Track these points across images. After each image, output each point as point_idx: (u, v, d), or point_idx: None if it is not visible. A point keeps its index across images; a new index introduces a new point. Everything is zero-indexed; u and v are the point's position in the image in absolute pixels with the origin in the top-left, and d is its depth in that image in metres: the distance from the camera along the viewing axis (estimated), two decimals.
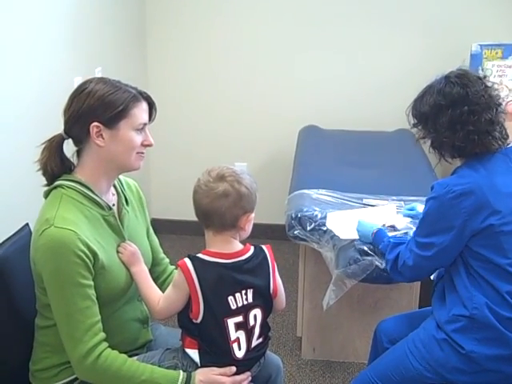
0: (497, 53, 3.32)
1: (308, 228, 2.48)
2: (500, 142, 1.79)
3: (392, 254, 1.96)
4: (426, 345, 1.84)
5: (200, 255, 1.63)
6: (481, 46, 3.34)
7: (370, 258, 2.28)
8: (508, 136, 1.82)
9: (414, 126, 1.89)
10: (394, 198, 2.57)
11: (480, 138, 1.76)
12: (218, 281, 1.61)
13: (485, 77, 1.84)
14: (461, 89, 1.77)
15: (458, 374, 1.78)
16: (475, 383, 1.79)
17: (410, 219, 2.35)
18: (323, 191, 2.69)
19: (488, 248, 1.73)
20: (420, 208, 2.29)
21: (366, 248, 2.29)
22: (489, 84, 1.81)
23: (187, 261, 1.61)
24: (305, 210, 2.54)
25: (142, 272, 1.74)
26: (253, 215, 1.65)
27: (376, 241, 2.16)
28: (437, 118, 1.79)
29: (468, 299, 1.76)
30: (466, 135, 1.76)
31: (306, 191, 2.71)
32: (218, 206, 1.59)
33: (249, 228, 1.67)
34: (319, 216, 2.49)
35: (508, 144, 1.82)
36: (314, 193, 2.69)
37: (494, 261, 1.73)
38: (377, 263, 2.24)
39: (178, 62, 3.89)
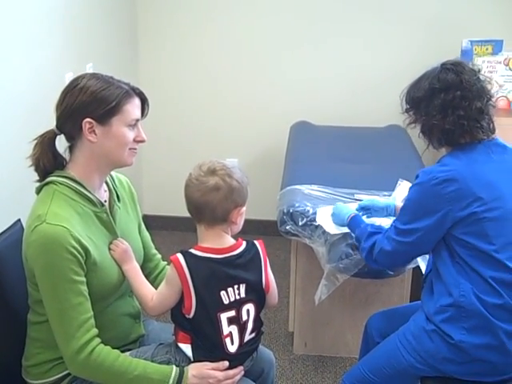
0: (487, 49, 3.34)
1: (300, 223, 2.49)
2: (486, 134, 1.83)
3: (368, 242, 1.99)
4: (417, 336, 1.85)
5: (192, 250, 1.64)
6: (471, 42, 3.36)
7: None
8: (495, 130, 1.87)
9: (406, 111, 1.92)
10: (386, 193, 2.58)
11: (469, 124, 1.80)
12: (211, 276, 1.61)
13: (479, 70, 1.88)
14: (455, 75, 1.83)
15: (449, 365, 1.80)
16: (466, 373, 1.82)
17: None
18: (315, 187, 2.70)
19: (472, 235, 1.76)
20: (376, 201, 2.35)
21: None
22: (481, 78, 1.86)
23: (179, 256, 1.61)
24: (296, 205, 2.55)
25: (134, 269, 1.74)
26: (244, 209, 1.66)
27: (352, 226, 2.18)
28: (430, 102, 1.84)
29: (454, 287, 1.78)
30: (456, 119, 1.80)
31: (297, 187, 2.72)
32: (210, 200, 1.60)
33: (240, 222, 1.68)
34: (311, 211, 2.50)
35: (493, 138, 1.86)
36: (305, 188, 2.69)
37: (478, 247, 1.76)
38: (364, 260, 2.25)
39: (170, 57, 3.88)
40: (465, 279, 1.77)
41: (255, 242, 1.72)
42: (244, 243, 1.69)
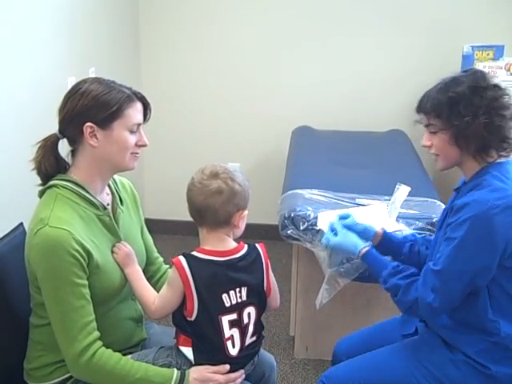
0: (488, 54, 3.35)
1: (301, 228, 2.50)
2: (507, 151, 1.71)
3: (409, 295, 1.73)
4: (438, 365, 1.78)
5: (194, 253, 1.64)
6: (472, 47, 3.37)
7: None
8: None
9: (435, 116, 1.70)
10: (387, 197, 2.59)
11: (507, 126, 1.66)
12: (212, 278, 1.62)
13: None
14: (480, 81, 1.68)
15: None
16: None
17: (400, 222, 2.34)
18: (316, 191, 2.71)
19: None
20: (356, 216, 2.06)
21: None
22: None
23: (181, 258, 1.62)
24: (298, 209, 2.55)
25: (136, 273, 1.75)
26: (246, 212, 1.67)
27: (372, 265, 1.92)
28: (473, 100, 1.65)
29: (493, 326, 1.69)
30: (501, 119, 1.65)
31: (298, 191, 2.73)
32: (212, 203, 1.60)
33: (242, 225, 1.68)
34: (312, 216, 2.51)
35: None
36: (306, 193, 2.70)
37: None
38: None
39: (172, 62, 3.90)
40: (506, 320, 1.67)
41: (257, 245, 1.72)
42: (246, 246, 1.70)
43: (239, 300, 1.65)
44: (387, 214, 2.43)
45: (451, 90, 1.68)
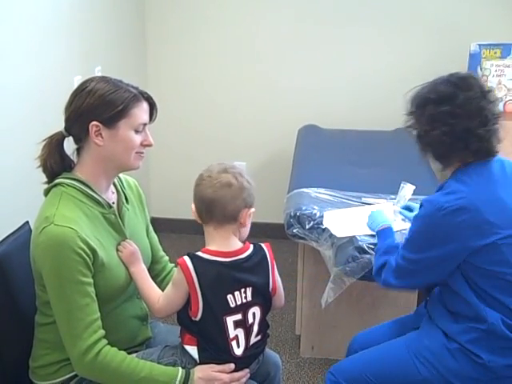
0: (495, 52, 3.33)
1: (307, 226, 2.49)
2: (476, 157, 1.74)
3: (380, 259, 1.94)
4: (436, 354, 1.81)
5: (199, 253, 1.64)
6: (479, 45, 3.35)
7: (368, 255, 2.28)
8: (494, 153, 1.76)
9: (408, 114, 1.85)
10: (393, 196, 2.58)
11: (453, 142, 1.72)
12: (218, 279, 1.61)
13: (489, 91, 1.77)
14: (454, 89, 1.74)
15: (472, 383, 1.77)
16: None
17: (406, 221, 2.35)
18: (322, 190, 2.70)
19: (494, 263, 1.70)
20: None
21: (364, 246, 2.30)
22: (490, 98, 1.75)
23: (187, 259, 1.62)
24: (304, 208, 2.55)
25: (141, 272, 1.75)
26: (253, 210, 1.67)
27: (379, 235, 2.11)
28: (423, 111, 1.77)
29: (481, 314, 1.72)
30: (440, 135, 1.72)
31: (304, 190, 2.72)
32: (222, 196, 1.60)
33: (248, 224, 1.68)
34: (318, 214, 2.50)
35: (491, 158, 1.77)
36: (312, 191, 2.69)
37: (502, 275, 1.70)
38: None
39: (178, 61, 3.90)
40: (490, 308, 1.72)
41: (262, 245, 1.72)
42: (251, 246, 1.69)
43: (244, 300, 1.64)
44: (393, 213, 2.42)
45: (421, 95, 1.80)
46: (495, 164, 1.77)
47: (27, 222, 1.90)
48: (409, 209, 2.29)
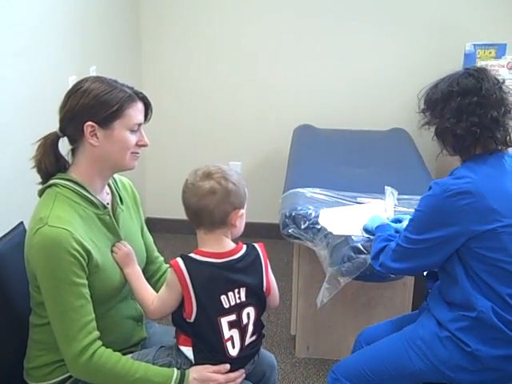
0: (490, 52, 3.34)
1: (302, 226, 2.49)
2: (500, 146, 1.79)
3: (380, 244, 1.96)
4: (427, 342, 1.84)
5: (192, 255, 1.63)
6: (474, 45, 3.35)
7: (363, 256, 2.29)
8: (511, 143, 1.82)
9: (423, 111, 1.88)
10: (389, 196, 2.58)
11: (482, 132, 1.76)
12: (211, 280, 1.61)
13: (503, 81, 1.83)
14: (475, 81, 1.78)
15: (460, 372, 1.79)
16: (476, 381, 1.80)
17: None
18: (317, 190, 2.70)
19: (491, 250, 1.72)
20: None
21: (360, 246, 2.30)
22: (505, 89, 1.82)
23: (179, 260, 1.61)
24: (299, 208, 2.55)
25: (136, 273, 1.74)
26: (243, 211, 1.65)
27: (378, 229, 2.12)
28: (446, 104, 1.79)
29: (472, 301, 1.75)
30: (469, 125, 1.75)
31: (300, 190, 2.72)
32: (206, 204, 1.60)
33: (240, 225, 1.67)
34: (313, 214, 2.50)
35: (506, 151, 1.82)
36: (308, 191, 2.69)
37: (497, 262, 1.72)
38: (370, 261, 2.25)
39: (173, 61, 3.89)
40: (481, 295, 1.74)
41: (255, 245, 1.72)
42: (244, 247, 1.69)
43: (238, 301, 1.64)
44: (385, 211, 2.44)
45: (436, 90, 1.84)
46: (507, 158, 1.82)
47: (22, 223, 1.90)
48: (398, 221, 2.26)
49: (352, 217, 2.46)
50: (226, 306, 1.62)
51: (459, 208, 1.71)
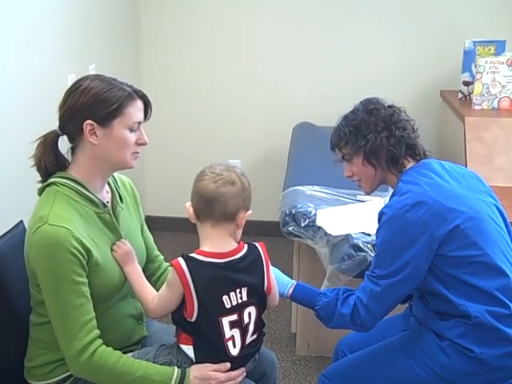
0: (490, 49, 3.33)
1: (302, 224, 2.49)
2: (420, 153, 1.86)
3: (346, 306, 1.80)
4: (428, 352, 1.81)
5: (194, 255, 1.62)
6: (474, 42, 3.35)
7: (363, 253, 2.29)
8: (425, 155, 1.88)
9: (344, 144, 1.90)
10: (386, 193, 2.58)
11: (410, 139, 1.83)
12: (212, 281, 1.60)
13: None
14: (374, 105, 1.87)
15: (468, 377, 1.77)
16: (483, 383, 1.78)
17: None
18: (317, 188, 2.70)
19: (463, 248, 1.72)
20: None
21: (360, 244, 2.30)
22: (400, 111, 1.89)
23: (181, 261, 1.60)
24: (299, 206, 2.55)
25: (135, 271, 1.74)
26: (250, 213, 1.66)
27: (303, 298, 1.91)
28: (369, 122, 1.84)
29: (463, 310, 1.73)
30: (400, 135, 1.82)
31: (299, 188, 2.72)
32: (223, 193, 1.59)
33: (241, 229, 1.68)
34: (313, 212, 2.51)
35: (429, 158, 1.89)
36: (307, 189, 2.69)
37: (473, 258, 1.72)
38: (371, 259, 2.25)
39: (172, 59, 3.89)
40: (471, 301, 1.73)
41: (256, 244, 1.71)
42: (245, 246, 1.68)
43: (239, 301, 1.64)
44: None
45: (350, 119, 1.89)
46: (434, 164, 1.85)
47: (21, 222, 1.89)
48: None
49: (349, 215, 2.46)
50: (228, 306, 1.62)
51: (419, 219, 1.70)
